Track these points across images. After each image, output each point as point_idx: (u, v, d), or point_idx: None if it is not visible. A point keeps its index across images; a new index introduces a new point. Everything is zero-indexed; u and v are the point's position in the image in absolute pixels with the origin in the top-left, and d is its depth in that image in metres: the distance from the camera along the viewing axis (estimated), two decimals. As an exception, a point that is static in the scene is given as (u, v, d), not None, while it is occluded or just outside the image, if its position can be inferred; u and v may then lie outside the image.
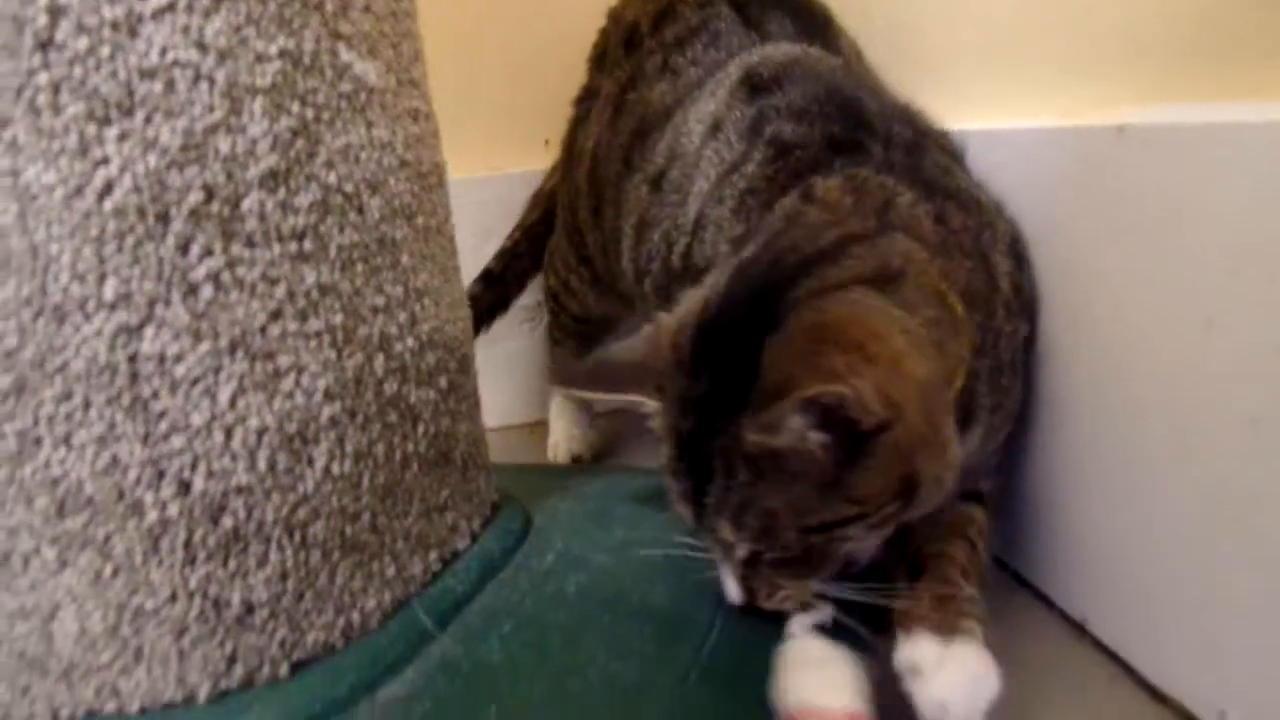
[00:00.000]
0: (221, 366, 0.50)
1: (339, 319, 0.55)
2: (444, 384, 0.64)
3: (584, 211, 0.99)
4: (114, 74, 0.46)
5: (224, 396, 0.50)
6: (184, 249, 0.49)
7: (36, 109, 0.45)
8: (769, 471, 0.54)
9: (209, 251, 0.49)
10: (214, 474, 0.51)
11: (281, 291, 0.52)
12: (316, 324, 0.54)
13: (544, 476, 0.95)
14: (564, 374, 0.61)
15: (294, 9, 0.52)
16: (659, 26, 0.91)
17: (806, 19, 0.87)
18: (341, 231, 0.55)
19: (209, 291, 0.49)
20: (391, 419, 0.59)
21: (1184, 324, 0.56)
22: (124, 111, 0.47)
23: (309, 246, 0.53)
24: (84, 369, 0.48)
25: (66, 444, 0.49)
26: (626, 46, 0.94)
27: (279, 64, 0.52)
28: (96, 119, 0.46)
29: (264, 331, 0.52)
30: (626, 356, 0.63)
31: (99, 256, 0.47)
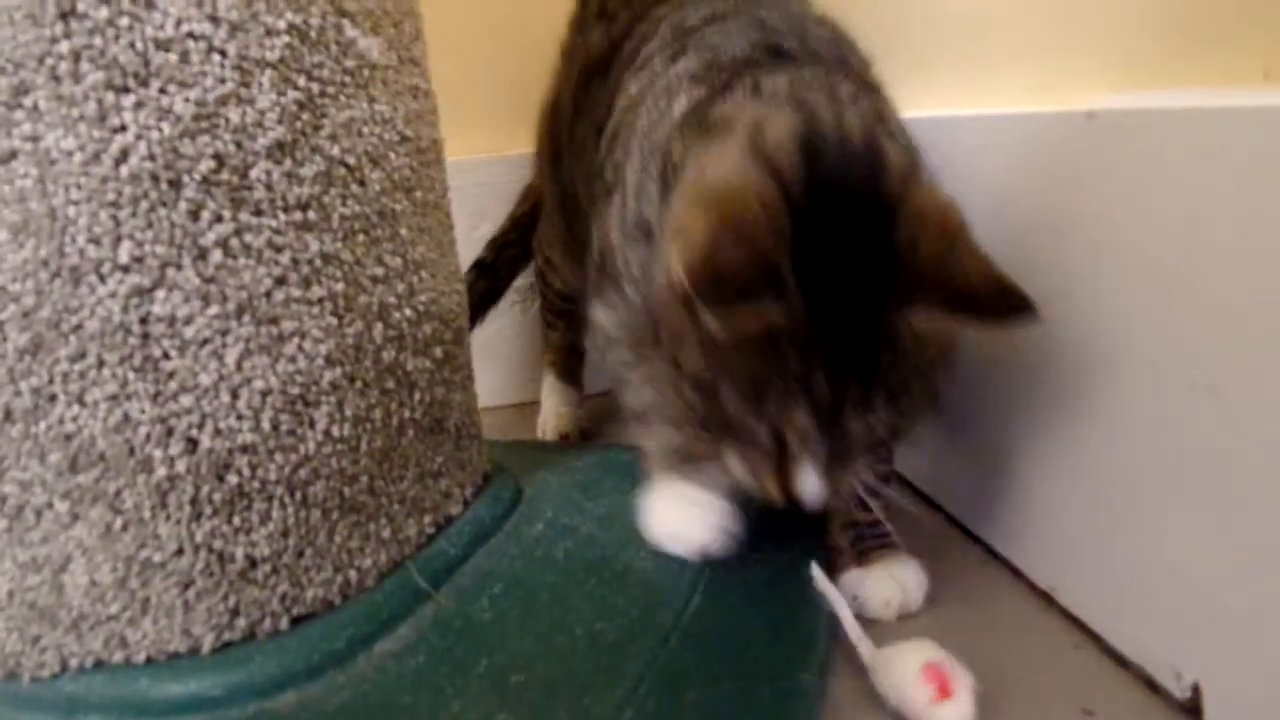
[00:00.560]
0: (229, 329, 0.52)
1: (340, 287, 0.57)
2: (439, 354, 0.66)
3: (545, 164, 1.00)
4: (132, 44, 0.48)
5: (231, 358, 0.52)
6: (195, 215, 0.51)
7: (57, 77, 0.47)
8: (918, 356, 0.56)
9: (218, 218, 0.51)
10: (220, 433, 0.53)
11: (286, 258, 0.54)
12: (319, 291, 0.56)
13: (534, 451, 0.97)
14: (702, 288, 0.53)
15: (302, -14, 0.54)
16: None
17: None
18: (344, 202, 0.57)
19: (218, 256, 0.51)
20: (389, 385, 0.61)
21: (1147, 297, 0.59)
22: (140, 81, 0.49)
23: (313, 216, 0.55)
24: (98, 329, 0.50)
25: (80, 401, 0.50)
26: (599, 12, 0.95)
27: (287, 38, 0.53)
28: (114, 87, 0.48)
29: (269, 296, 0.54)
30: (734, 257, 0.53)
31: (114, 220, 0.49)
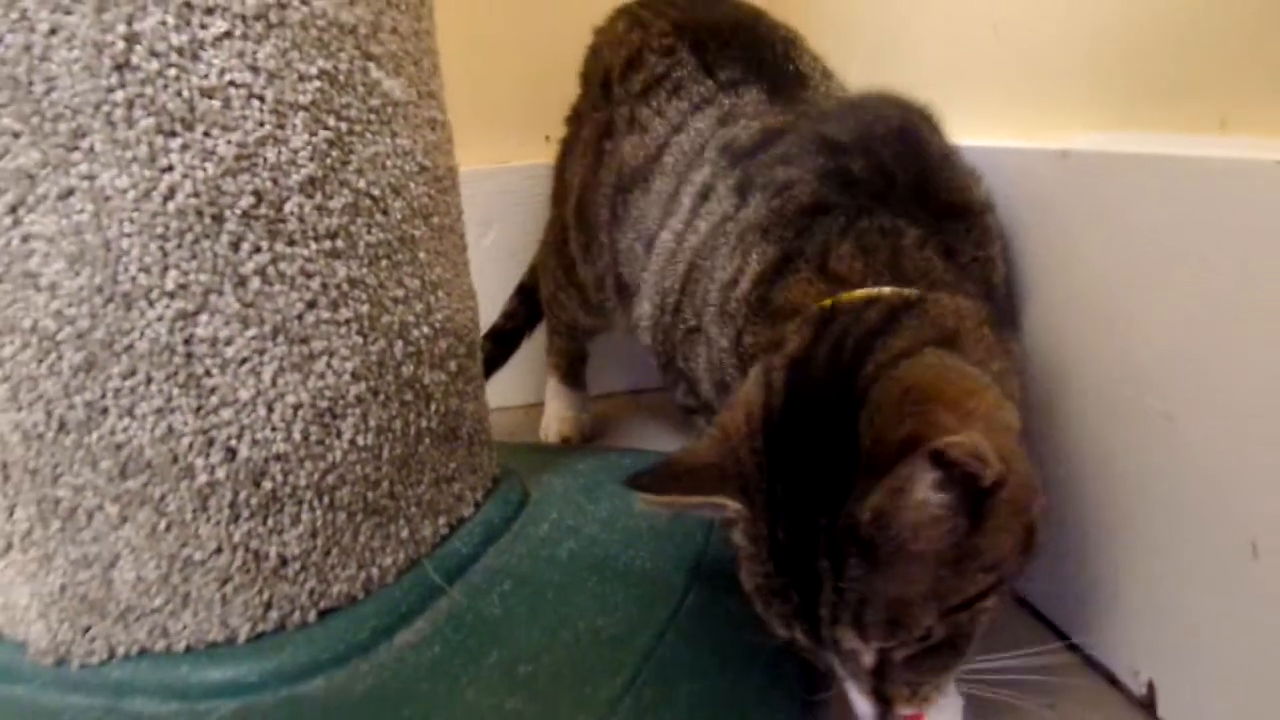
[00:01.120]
0: (265, 349, 0.57)
1: (365, 308, 0.62)
2: (454, 367, 0.71)
3: (574, 246, 1.01)
4: (179, 92, 0.53)
5: (267, 375, 0.57)
6: (235, 246, 0.56)
7: (112, 122, 0.52)
8: (888, 557, 0.49)
9: (257, 248, 0.56)
10: (256, 443, 0.58)
11: (317, 284, 0.59)
12: (346, 313, 0.61)
13: (540, 454, 1.02)
14: (643, 483, 0.54)
15: (332, 33, 0.59)
16: (627, 75, 0.93)
17: (768, 56, 0.89)
18: (369, 231, 0.62)
19: (256, 283, 0.56)
20: (408, 398, 0.66)
21: (1110, 328, 0.64)
22: (187, 125, 0.53)
23: (341, 244, 0.60)
24: (147, 349, 0.55)
25: (130, 414, 0.56)
26: (603, 89, 0.96)
27: (318, 83, 0.58)
28: (163, 131, 0.53)
29: (301, 319, 0.59)
30: (702, 460, 0.56)
31: (162, 251, 0.54)
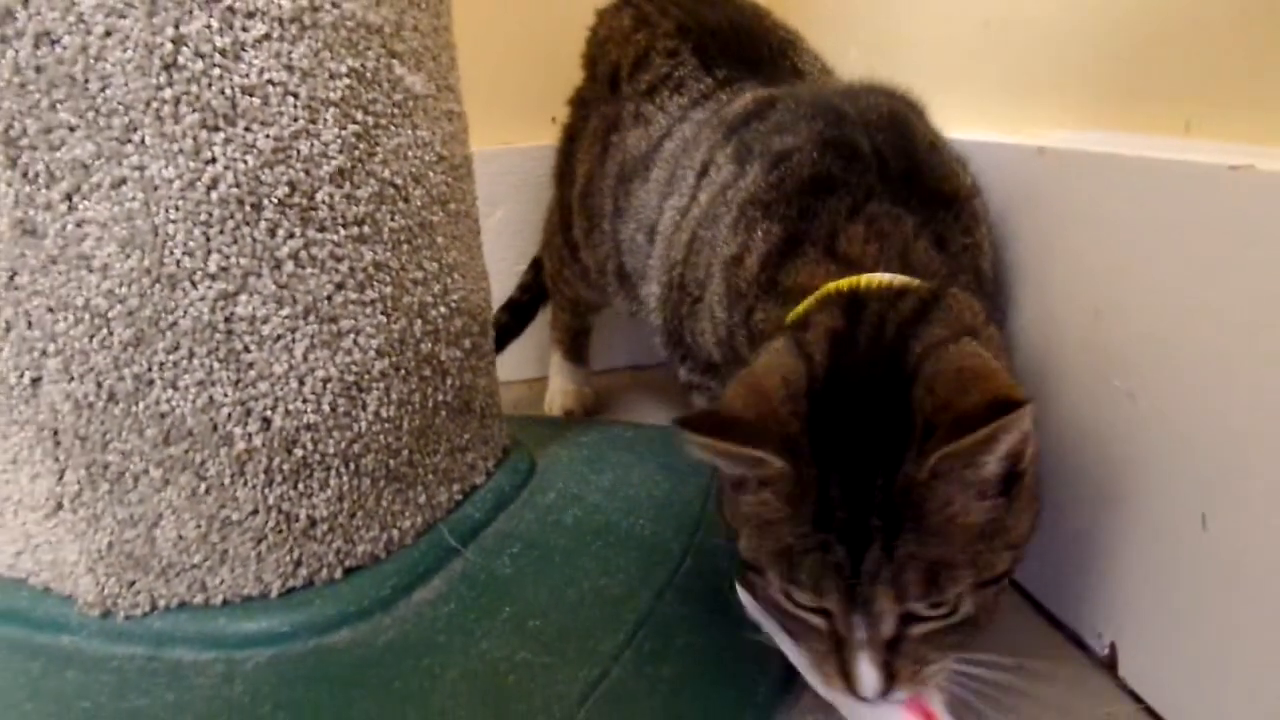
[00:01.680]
0: (298, 327, 0.62)
1: (388, 290, 0.67)
2: (468, 344, 0.76)
3: (578, 231, 1.05)
4: (222, 90, 0.57)
5: (299, 351, 0.62)
6: (272, 232, 0.60)
7: (161, 117, 0.57)
8: (938, 521, 0.52)
9: (291, 234, 0.61)
10: (289, 413, 0.63)
11: (345, 267, 0.64)
12: (371, 294, 0.65)
13: (546, 427, 1.07)
14: (693, 424, 0.54)
15: (360, 34, 0.63)
16: (634, 75, 0.96)
17: (765, 54, 0.93)
18: (392, 218, 0.67)
19: (290, 267, 0.61)
20: (426, 373, 0.71)
21: (1080, 314, 0.68)
22: (229, 121, 0.58)
23: (367, 230, 0.65)
24: (190, 326, 0.59)
25: (173, 386, 0.60)
26: (611, 84, 0.99)
27: (348, 80, 0.63)
28: (207, 126, 0.57)
29: (330, 299, 0.63)
30: (741, 416, 0.56)
31: (205, 237, 0.59)
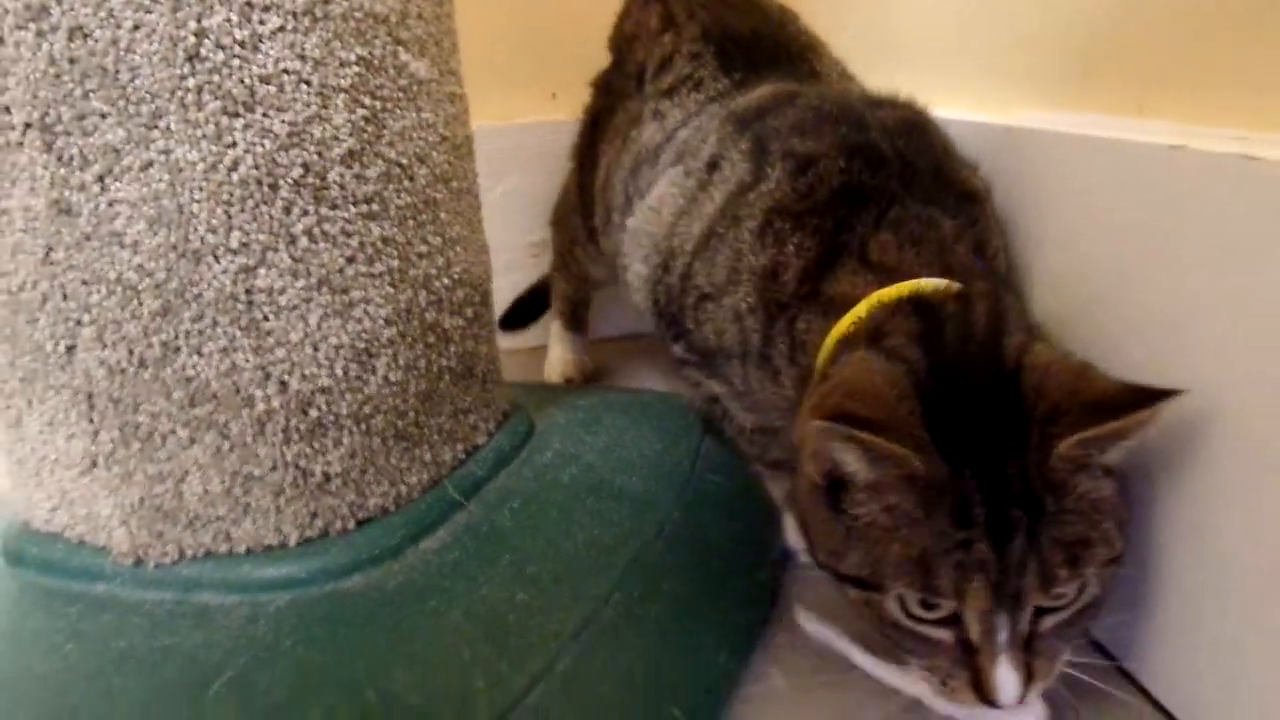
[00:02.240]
0: (312, 298, 0.67)
1: (395, 263, 0.72)
2: (470, 314, 0.81)
3: (599, 220, 1.08)
4: (241, 80, 0.62)
5: (313, 320, 0.67)
6: (288, 210, 0.65)
7: (185, 105, 0.61)
8: (1075, 500, 0.53)
9: (305, 212, 0.66)
10: (305, 377, 0.68)
11: (355, 242, 0.69)
12: (380, 266, 0.70)
13: (545, 392, 1.12)
14: (849, 420, 0.54)
15: (368, 23, 0.68)
16: (659, 74, 0.98)
17: (783, 57, 0.95)
18: (399, 195, 0.71)
19: (305, 242, 0.66)
20: (431, 340, 0.76)
21: (1040, 283, 0.73)
22: (248, 108, 0.63)
23: (375, 208, 0.70)
24: (213, 298, 0.65)
25: (198, 353, 0.65)
26: (637, 82, 1.02)
27: (357, 68, 0.67)
28: (228, 113, 0.62)
29: (342, 272, 0.68)
30: (873, 416, 0.54)
31: (227, 215, 0.63)
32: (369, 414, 0.71)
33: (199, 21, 0.60)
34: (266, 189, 0.64)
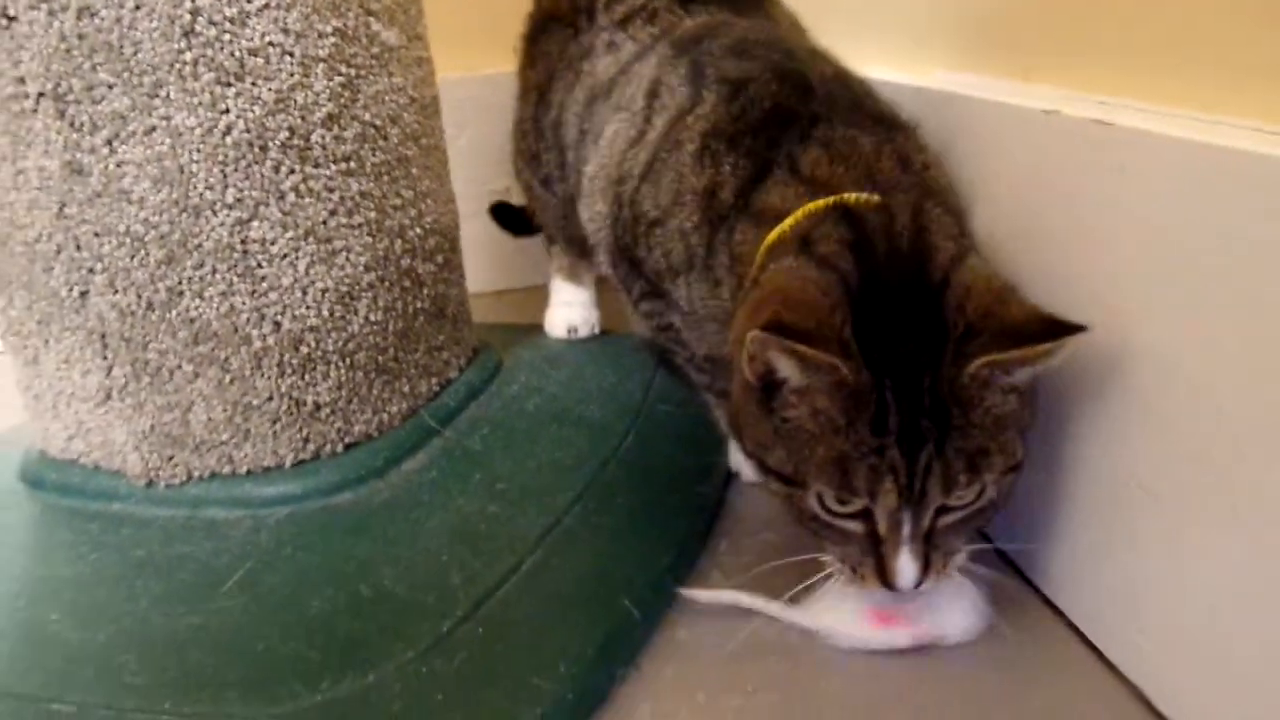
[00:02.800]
0: (300, 247, 0.75)
1: (373, 215, 0.80)
2: (441, 260, 0.89)
3: (552, 164, 1.05)
4: (232, 52, 0.70)
5: (301, 266, 0.76)
6: (277, 169, 0.73)
7: (183, 76, 0.69)
8: (981, 414, 0.57)
9: (292, 171, 0.74)
10: (295, 318, 0.76)
11: (336, 197, 0.77)
12: (359, 218, 0.79)
13: (512, 332, 1.21)
14: (778, 329, 0.57)
15: (342, -2, 0.75)
16: (610, 5, 0.97)
17: (743, 3, 0.93)
18: (374, 154, 0.79)
19: (292, 197, 0.74)
20: (406, 284, 0.84)
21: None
22: (238, 77, 0.70)
23: (353, 165, 0.78)
24: (213, 247, 0.73)
25: (200, 296, 0.74)
26: (588, 15, 1.01)
27: (334, 39, 0.75)
28: (221, 83, 0.70)
29: (326, 223, 0.77)
30: (804, 324, 0.58)
31: (223, 174, 0.71)
32: (353, 350, 0.80)
33: (193, 1, 0.68)
34: (257, 150, 0.72)
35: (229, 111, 0.70)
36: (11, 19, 0.67)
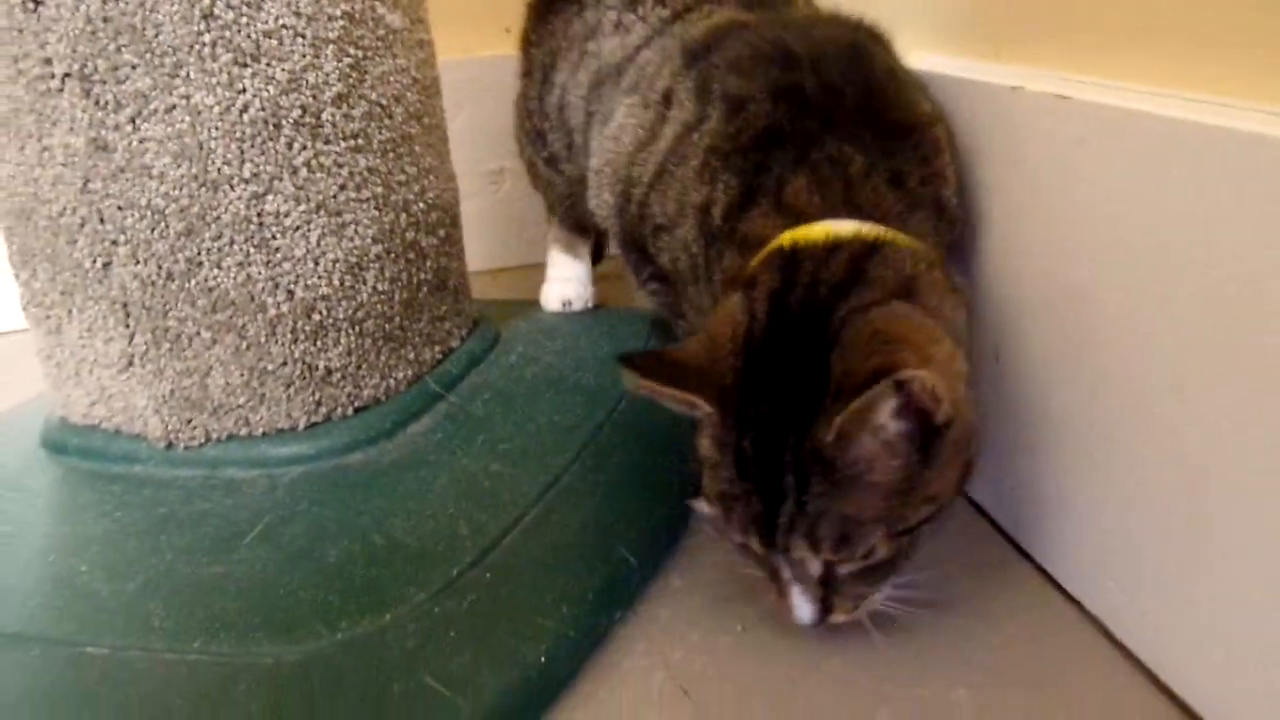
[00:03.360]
0: (311, 220, 0.80)
1: (379, 190, 0.84)
2: (443, 234, 0.94)
3: (558, 144, 1.05)
4: (249, 35, 0.74)
5: (313, 238, 0.80)
6: (290, 146, 0.77)
7: (202, 57, 0.73)
8: (848, 480, 0.55)
9: (304, 147, 0.78)
10: (308, 287, 0.81)
11: (345, 172, 0.81)
12: (366, 193, 0.83)
13: (510, 306, 1.25)
14: (634, 363, 0.59)
15: (350, -17, 0.79)
16: None
17: None
18: (380, 131, 0.84)
19: (304, 172, 0.78)
20: (411, 256, 0.89)
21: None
22: (254, 58, 0.74)
23: (361, 142, 0.82)
24: (230, 220, 0.77)
25: (218, 266, 0.78)
26: None
27: (342, 22, 0.79)
28: (238, 63, 0.74)
29: (336, 197, 0.81)
30: (690, 360, 0.60)
31: (240, 150, 0.75)
32: (362, 318, 0.84)
33: (212, -15, 0.72)
34: (272, 128, 0.76)
35: (245, 91, 0.74)
36: (39, 3, 0.71)
